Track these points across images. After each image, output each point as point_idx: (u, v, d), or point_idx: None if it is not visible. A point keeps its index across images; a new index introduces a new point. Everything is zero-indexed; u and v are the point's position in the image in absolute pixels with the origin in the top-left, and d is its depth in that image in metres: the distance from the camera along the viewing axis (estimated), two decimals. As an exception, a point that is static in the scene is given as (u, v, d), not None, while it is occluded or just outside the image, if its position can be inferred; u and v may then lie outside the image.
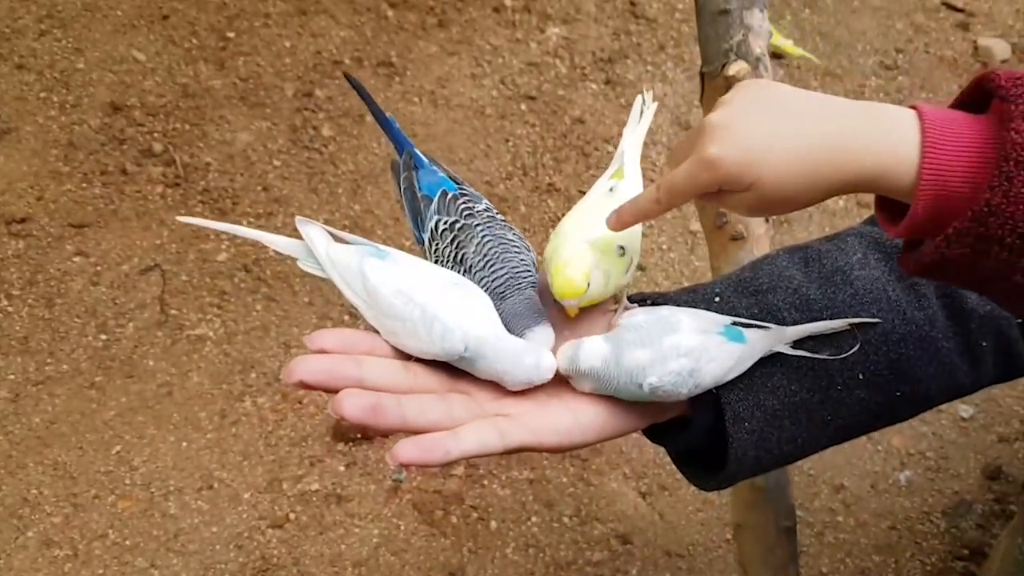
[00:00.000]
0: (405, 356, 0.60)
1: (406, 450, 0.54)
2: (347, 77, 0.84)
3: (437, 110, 2.06)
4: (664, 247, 1.88)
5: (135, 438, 1.50)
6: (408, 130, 2.00)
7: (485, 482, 1.48)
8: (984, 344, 0.71)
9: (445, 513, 1.44)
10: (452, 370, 0.61)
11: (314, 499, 1.44)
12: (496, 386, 0.60)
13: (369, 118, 2.02)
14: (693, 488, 1.52)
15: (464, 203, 0.66)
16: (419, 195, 0.67)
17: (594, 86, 2.17)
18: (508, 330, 0.60)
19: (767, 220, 1.09)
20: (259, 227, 1.78)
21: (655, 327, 0.58)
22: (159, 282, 1.70)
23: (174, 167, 1.88)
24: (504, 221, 0.67)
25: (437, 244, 0.64)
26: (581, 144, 2.04)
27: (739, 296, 0.67)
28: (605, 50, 2.24)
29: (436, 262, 0.65)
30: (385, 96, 2.07)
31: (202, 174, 1.88)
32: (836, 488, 1.52)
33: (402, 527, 1.42)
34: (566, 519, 1.46)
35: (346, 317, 1.67)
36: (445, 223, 0.64)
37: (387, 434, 0.53)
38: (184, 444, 1.50)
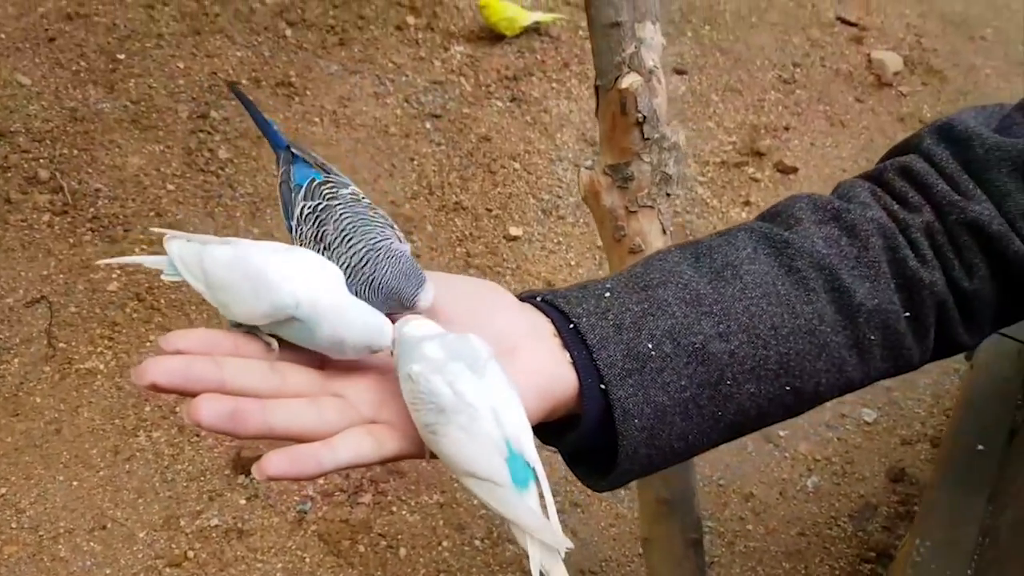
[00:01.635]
0: (271, 355, 0.56)
1: (275, 463, 0.50)
2: (231, 87, 0.82)
3: (339, 130, 2.03)
4: (572, 263, 1.88)
5: (22, 479, 1.42)
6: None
7: (394, 508, 1.45)
8: (872, 338, 0.70)
9: (353, 543, 1.40)
10: (326, 372, 0.58)
11: (214, 535, 1.38)
12: (372, 388, 0.57)
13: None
14: (605, 504, 1.52)
15: (328, 188, 0.63)
16: (292, 186, 0.65)
17: (499, 103, 2.16)
18: (397, 290, 0.57)
19: (664, 232, 1.09)
20: (152, 253, 1.72)
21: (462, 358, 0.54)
22: (46, 314, 1.62)
23: (62, 194, 1.80)
24: (369, 203, 0.65)
25: (301, 229, 0.62)
26: (487, 162, 2.02)
27: (629, 291, 0.65)
28: (510, 68, 2.24)
29: (300, 246, 0.62)
30: (285, 116, 2.03)
31: (91, 200, 1.80)
32: (745, 497, 1.53)
33: (307, 559, 1.37)
34: (477, 542, 1.43)
35: (247, 344, 1.62)
36: (309, 208, 0.62)
37: (253, 439, 0.51)
38: (75, 483, 1.42)
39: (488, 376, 0.54)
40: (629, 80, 1.06)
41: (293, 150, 0.71)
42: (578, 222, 1.95)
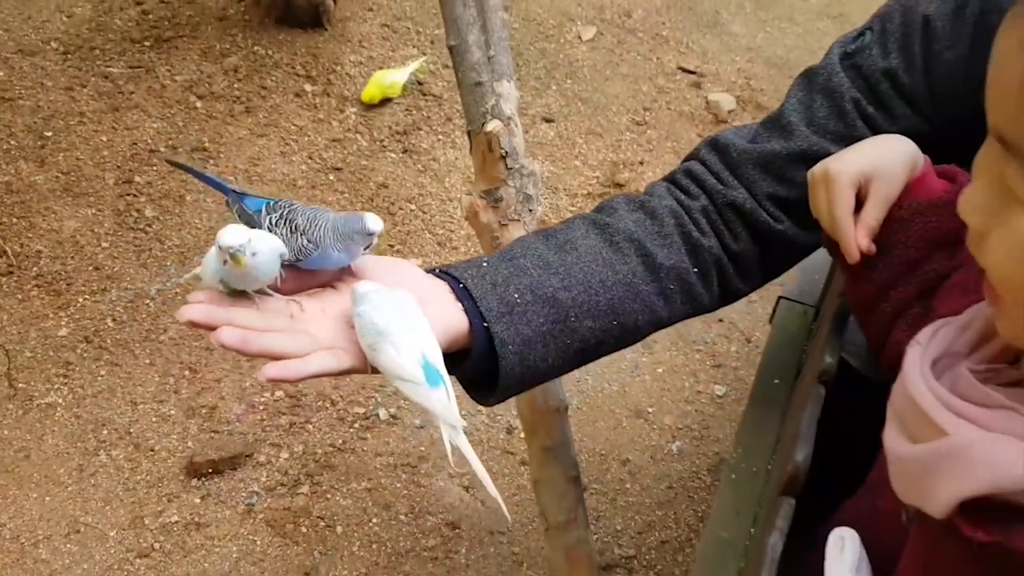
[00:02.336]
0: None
1: (271, 370, 0.77)
2: (168, 161, 1.06)
3: (252, 186, 2.29)
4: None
5: (-2, 500, 1.63)
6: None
7: (328, 496, 1.70)
8: (672, 288, 1.00)
9: (296, 526, 1.65)
10: (297, 318, 0.83)
11: (175, 529, 1.61)
12: (330, 327, 0.84)
13: (189, 197, 2.23)
14: (507, 479, 1.80)
15: (284, 201, 0.89)
16: (250, 213, 0.91)
17: (393, 155, 2.46)
18: (350, 225, 0.80)
19: (529, 238, 1.40)
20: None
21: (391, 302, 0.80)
22: (4, 360, 1.83)
23: (6, 257, 2.01)
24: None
25: (274, 230, 0.87)
26: (386, 205, 2.32)
27: (500, 262, 0.94)
28: (400, 124, 2.55)
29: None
30: (203, 178, 2.28)
31: (34, 261, 2.02)
32: (623, 462, 1.84)
33: (258, 542, 1.61)
34: (402, 516, 1.69)
35: (186, 372, 1.86)
36: (277, 215, 0.88)
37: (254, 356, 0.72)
38: (47, 498, 1.63)
39: (409, 314, 0.83)
40: (492, 125, 1.38)
41: (238, 191, 0.98)
42: (469, 251, 2.25)
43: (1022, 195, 0.51)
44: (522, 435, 1.80)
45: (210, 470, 1.69)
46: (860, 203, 0.91)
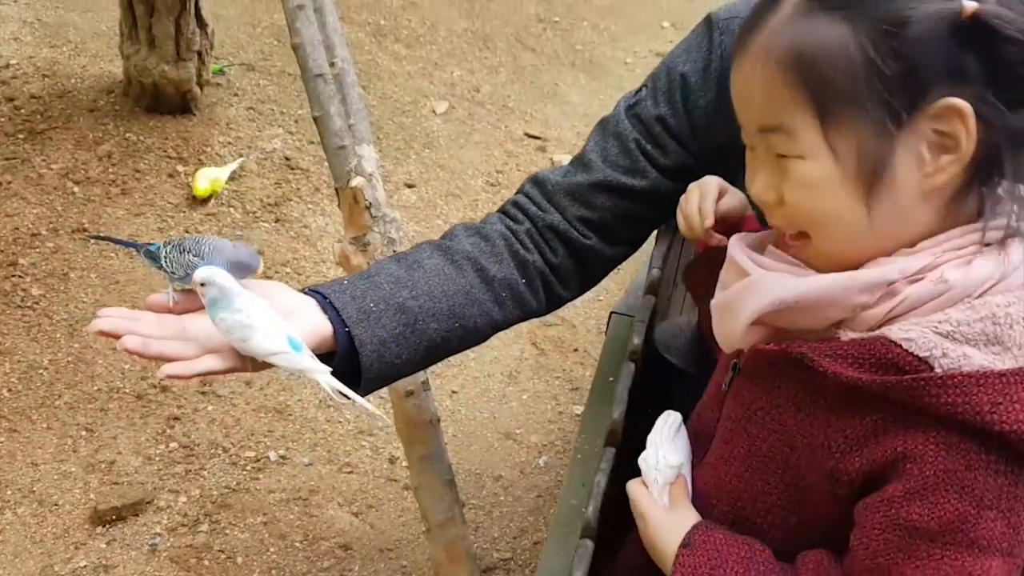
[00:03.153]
0: None
1: (168, 369, 0.93)
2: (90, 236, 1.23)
3: (132, 260, 2.44)
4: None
5: (-97, 566, 1.70)
6: (111, 279, 2.35)
7: (227, 532, 1.85)
8: (504, 295, 1.22)
9: (199, 560, 1.78)
10: (186, 329, 1.00)
11: (84, 573, 1.72)
12: (212, 336, 0.99)
13: (74, 275, 2.35)
14: (393, 504, 1.99)
15: (174, 239, 1.09)
16: (153, 252, 1.10)
17: (267, 224, 2.65)
18: (237, 256, 0.99)
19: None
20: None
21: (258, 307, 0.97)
22: (-100, 436, 1.90)
23: None
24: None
25: (170, 256, 1.05)
26: (264, 270, 2.48)
27: (358, 280, 1.14)
28: (271, 196, 2.74)
29: (171, 266, 1.06)
30: (84, 256, 2.41)
31: (-76, 342, 2.11)
32: (496, 478, 2.05)
33: (165, 577, 1.74)
34: (297, 544, 1.85)
35: (83, 432, 1.98)
36: (171, 247, 1.06)
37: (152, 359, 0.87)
38: (-45, 558, 1.72)
39: (261, 307, 1.00)
40: (356, 181, 1.61)
41: (141, 243, 1.18)
42: (344, 307, 2.45)
43: (786, 151, 0.77)
44: (404, 464, 1.99)
45: (113, 517, 1.81)
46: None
